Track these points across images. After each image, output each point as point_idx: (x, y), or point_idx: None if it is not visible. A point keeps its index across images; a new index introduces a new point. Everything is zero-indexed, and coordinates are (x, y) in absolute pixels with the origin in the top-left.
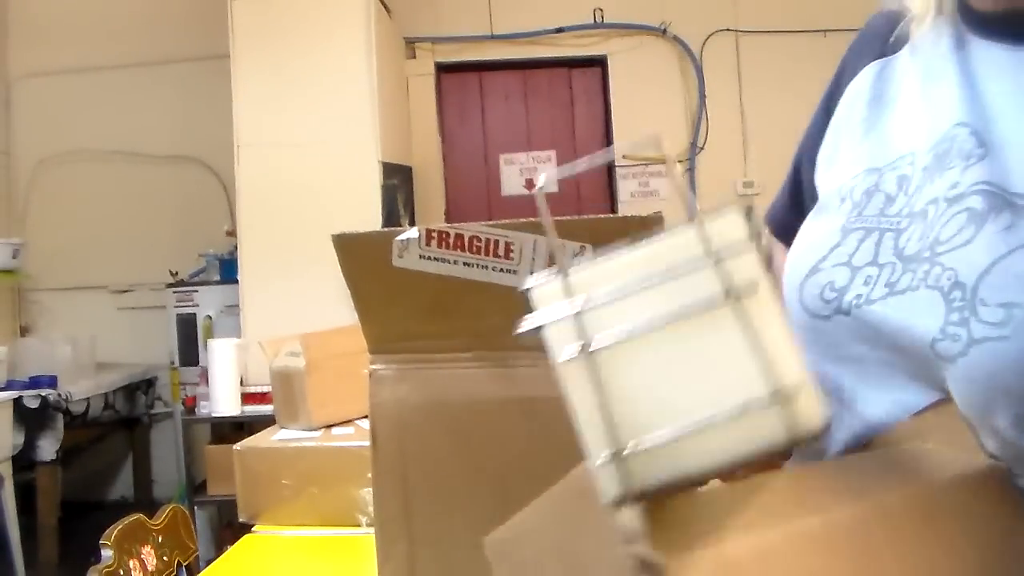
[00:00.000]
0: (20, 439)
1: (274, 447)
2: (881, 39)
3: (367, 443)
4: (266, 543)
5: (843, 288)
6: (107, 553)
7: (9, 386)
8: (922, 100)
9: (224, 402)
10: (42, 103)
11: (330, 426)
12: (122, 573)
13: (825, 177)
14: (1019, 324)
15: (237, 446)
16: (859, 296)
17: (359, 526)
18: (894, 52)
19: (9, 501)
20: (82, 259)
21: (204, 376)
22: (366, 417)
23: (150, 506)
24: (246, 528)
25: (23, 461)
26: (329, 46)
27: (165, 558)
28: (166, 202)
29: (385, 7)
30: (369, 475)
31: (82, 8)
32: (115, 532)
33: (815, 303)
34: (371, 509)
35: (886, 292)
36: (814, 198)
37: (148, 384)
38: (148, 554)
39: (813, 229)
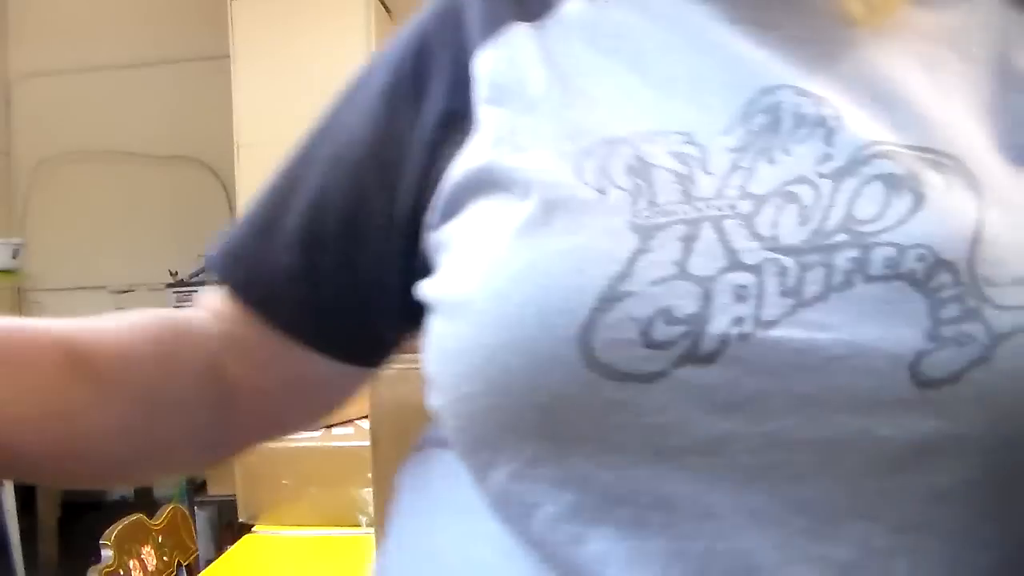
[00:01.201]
0: None
1: (274, 447)
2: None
3: (367, 443)
4: (266, 543)
5: (695, 317)
6: (107, 553)
7: None
8: (663, 71)
9: None
10: (42, 103)
11: (330, 426)
12: (122, 573)
13: (514, 163)
14: None
15: None
16: (738, 322)
17: (359, 526)
18: (541, 15)
19: (9, 501)
20: (82, 259)
21: None
22: (366, 417)
23: (150, 506)
24: (246, 528)
25: None
26: (329, 46)
27: (165, 558)
28: (166, 202)
29: (385, 7)
30: (369, 475)
31: (82, 8)
32: (115, 532)
33: (630, 354)
34: (371, 509)
35: (792, 305)
36: (412, 221)
37: None
38: (148, 554)
39: (548, 240)
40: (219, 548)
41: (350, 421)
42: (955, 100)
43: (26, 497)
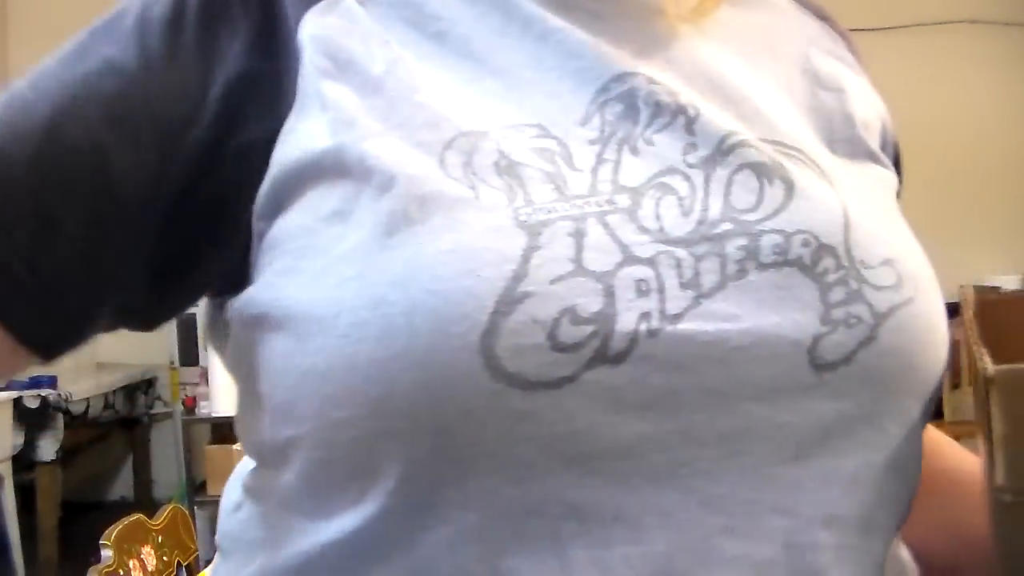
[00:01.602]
0: (20, 439)
1: None
2: None
3: None
4: None
5: (601, 315)
6: (107, 553)
7: (9, 386)
8: (502, 50)
9: (224, 402)
10: None
11: None
12: (122, 573)
13: (363, 151)
14: (912, 280)
15: (237, 446)
16: (645, 317)
17: None
18: None
19: (9, 501)
20: None
21: (204, 376)
22: None
23: (150, 506)
24: None
25: (23, 461)
26: None
27: (165, 558)
28: None
29: None
30: None
31: (82, 8)
32: (115, 532)
33: (537, 360)
34: None
35: (693, 297)
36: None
37: (148, 384)
38: (148, 554)
39: (427, 240)
40: None
41: None
42: (778, 98)
43: (26, 497)
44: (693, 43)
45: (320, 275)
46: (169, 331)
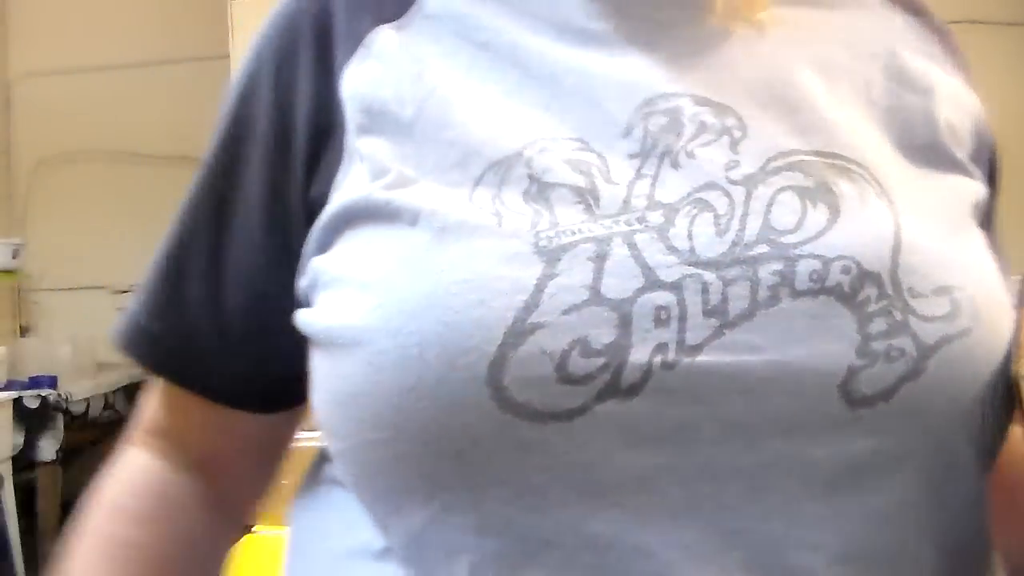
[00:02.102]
0: (20, 439)
1: None
2: (360, 4)
3: None
4: (266, 543)
5: (614, 346)
6: None
7: (9, 386)
8: (546, 72)
9: None
10: (42, 103)
11: None
12: None
13: (399, 196)
14: (971, 309)
15: None
16: (660, 349)
17: None
18: (397, 16)
19: (9, 501)
20: (82, 259)
21: None
22: None
23: None
24: (246, 528)
25: (23, 461)
26: None
27: None
28: (166, 202)
29: None
30: None
31: (82, 8)
32: None
33: (545, 391)
34: None
35: (717, 326)
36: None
37: (148, 384)
38: None
39: (445, 272)
40: None
41: None
42: (851, 102)
43: (26, 497)
44: (754, 47)
45: (350, 305)
46: None
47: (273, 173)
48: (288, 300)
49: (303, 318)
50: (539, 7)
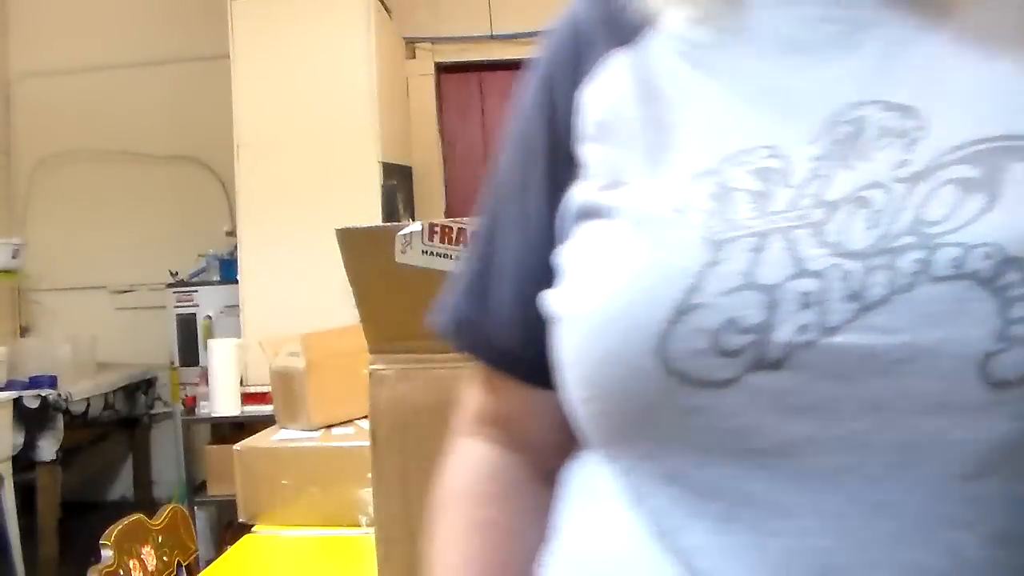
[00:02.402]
0: (20, 439)
1: (274, 447)
2: (604, 27)
3: (367, 443)
4: (266, 543)
5: (762, 325)
6: (107, 553)
7: (9, 386)
8: (755, 83)
9: (224, 402)
10: (42, 103)
11: (330, 426)
12: (122, 573)
13: (610, 196)
14: None
15: (237, 446)
16: (803, 329)
17: (359, 526)
18: (636, 37)
19: (9, 501)
20: (82, 259)
21: (204, 376)
22: (366, 417)
23: (150, 506)
24: (246, 528)
25: (23, 461)
26: (329, 46)
27: (165, 558)
28: (166, 202)
29: (385, 7)
30: (369, 475)
31: (82, 8)
32: (115, 532)
33: (702, 362)
34: (371, 509)
35: (856, 310)
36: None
37: (148, 384)
38: (148, 554)
39: (633, 259)
40: (219, 548)
41: (350, 421)
42: None
43: (26, 497)
44: (950, 40)
45: (569, 287)
46: (169, 331)
47: (551, 176)
48: None
49: (548, 298)
50: (755, 24)
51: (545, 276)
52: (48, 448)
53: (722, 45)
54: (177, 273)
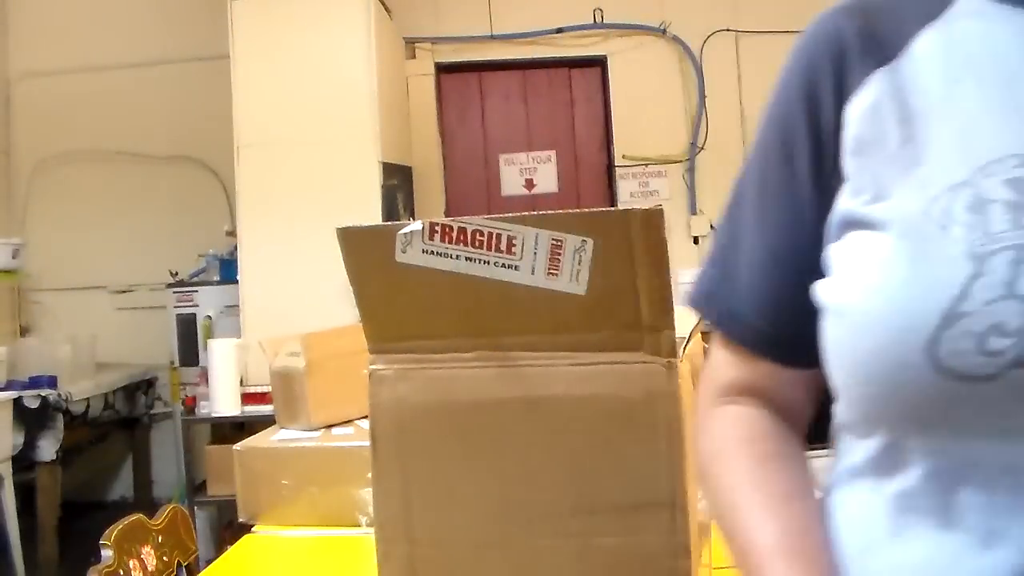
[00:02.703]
0: (20, 439)
1: (274, 447)
2: (863, 42)
3: (367, 443)
4: (266, 543)
5: (1022, 331)
6: (107, 553)
7: (9, 386)
8: (998, 95)
9: (224, 402)
10: (42, 103)
11: (330, 426)
12: (122, 573)
13: (867, 212)
14: None
15: (237, 446)
16: None
17: (359, 526)
18: (895, 56)
19: (9, 501)
20: (82, 259)
21: (204, 376)
22: (366, 417)
23: (150, 506)
24: (246, 528)
25: (23, 461)
26: (329, 46)
27: (165, 558)
28: (166, 202)
29: (385, 7)
30: (369, 475)
31: (82, 8)
32: (115, 532)
33: (969, 360)
34: (371, 509)
35: None
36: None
37: (148, 384)
38: (148, 554)
39: (897, 273)
40: (219, 548)
41: (350, 421)
42: None
43: (26, 497)
44: None
45: (841, 286)
46: (169, 331)
47: (814, 178)
48: (814, 276)
49: (819, 289)
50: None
51: (795, 264)
52: (48, 448)
53: (976, 60)
54: (177, 273)
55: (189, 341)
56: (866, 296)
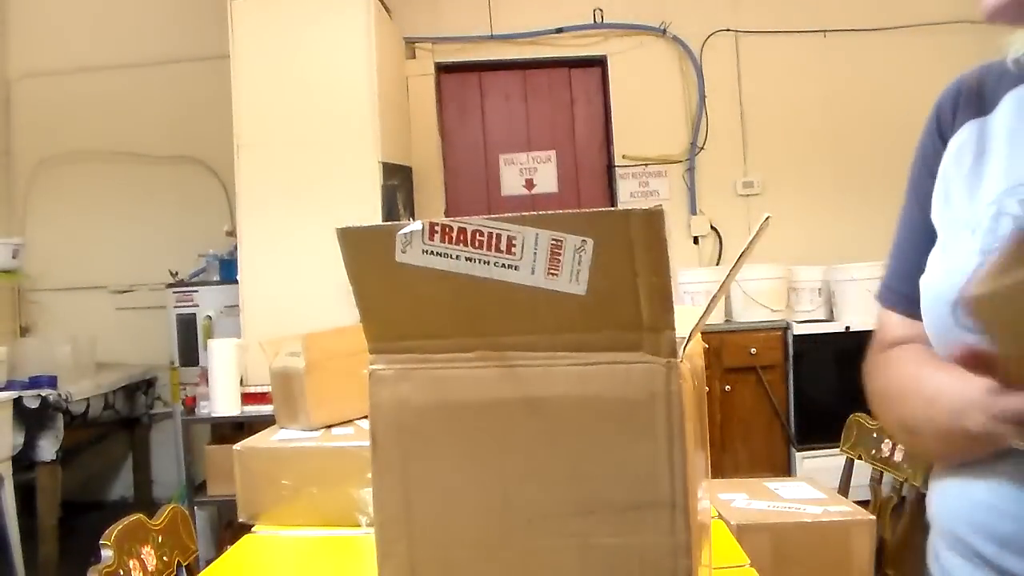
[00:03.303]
0: (20, 439)
1: (274, 447)
2: (973, 103)
3: (367, 443)
4: (266, 543)
5: None
6: (107, 553)
7: (9, 386)
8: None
9: (224, 402)
10: (42, 103)
11: (330, 426)
12: (122, 573)
13: (943, 216)
14: None
15: (237, 446)
16: None
17: (359, 526)
18: (989, 112)
19: (9, 501)
20: (82, 259)
21: (204, 376)
22: (366, 417)
23: (150, 506)
24: (246, 528)
25: (23, 461)
26: (329, 46)
27: (165, 558)
28: (166, 202)
29: (385, 7)
30: (369, 475)
31: (82, 8)
32: (115, 532)
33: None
34: (371, 509)
35: None
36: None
37: (148, 384)
38: (148, 554)
39: (944, 260)
40: (219, 548)
41: (350, 421)
42: None
43: (26, 497)
44: None
45: (927, 269)
46: (169, 331)
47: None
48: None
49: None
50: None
51: (927, 248)
52: (48, 448)
53: (1006, 122)
54: (177, 273)
55: (189, 341)
56: (927, 275)
